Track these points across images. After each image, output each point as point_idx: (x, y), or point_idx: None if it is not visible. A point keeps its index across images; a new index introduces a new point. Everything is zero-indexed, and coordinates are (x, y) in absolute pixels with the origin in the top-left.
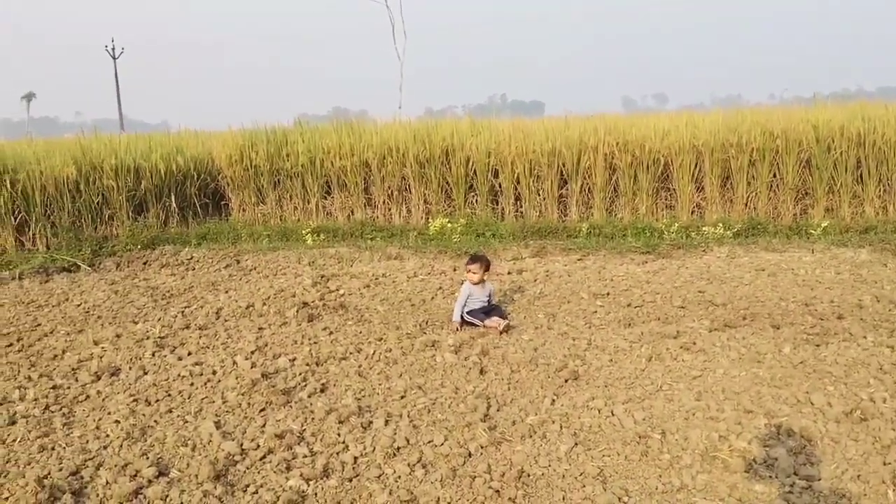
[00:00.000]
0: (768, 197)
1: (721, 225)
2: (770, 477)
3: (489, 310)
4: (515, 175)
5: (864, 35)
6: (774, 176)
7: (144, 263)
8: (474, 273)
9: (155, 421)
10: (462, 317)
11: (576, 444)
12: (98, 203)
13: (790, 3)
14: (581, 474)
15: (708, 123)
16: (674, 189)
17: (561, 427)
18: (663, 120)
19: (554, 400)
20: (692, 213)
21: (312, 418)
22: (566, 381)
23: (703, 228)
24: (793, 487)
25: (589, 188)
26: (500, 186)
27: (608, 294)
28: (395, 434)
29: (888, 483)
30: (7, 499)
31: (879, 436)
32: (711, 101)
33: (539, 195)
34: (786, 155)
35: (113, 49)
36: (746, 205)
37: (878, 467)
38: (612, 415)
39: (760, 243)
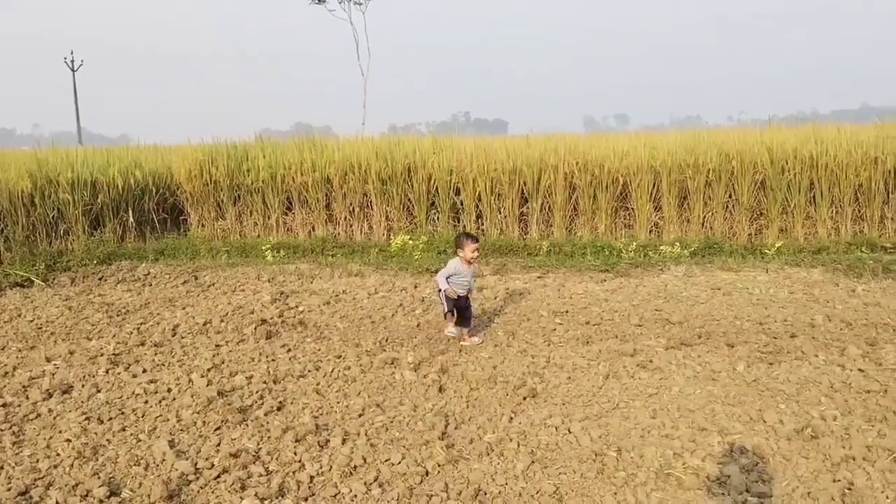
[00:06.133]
0: (724, 217)
1: (678, 244)
2: (723, 494)
3: (466, 304)
4: (477, 193)
5: (819, 59)
6: (730, 196)
7: (100, 279)
8: (475, 252)
9: (107, 440)
10: (448, 282)
11: (533, 461)
12: (53, 217)
13: (749, 32)
14: (537, 492)
15: (666, 144)
16: (632, 208)
17: (518, 445)
18: (622, 140)
19: (512, 418)
20: (650, 232)
21: (269, 437)
22: (524, 398)
23: (661, 247)
24: None
25: (549, 207)
26: (461, 204)
27: (567, 312)
28: (353, 453)
29: (837, 500)
30: None
31: (829, 453)
32: (671, 122)
33: (500, 213)
34: (741, 176)
35: (72, 62)
36: (703, 225)
37: (827, 485)
38: (570, 432)
39: (716, 263)
